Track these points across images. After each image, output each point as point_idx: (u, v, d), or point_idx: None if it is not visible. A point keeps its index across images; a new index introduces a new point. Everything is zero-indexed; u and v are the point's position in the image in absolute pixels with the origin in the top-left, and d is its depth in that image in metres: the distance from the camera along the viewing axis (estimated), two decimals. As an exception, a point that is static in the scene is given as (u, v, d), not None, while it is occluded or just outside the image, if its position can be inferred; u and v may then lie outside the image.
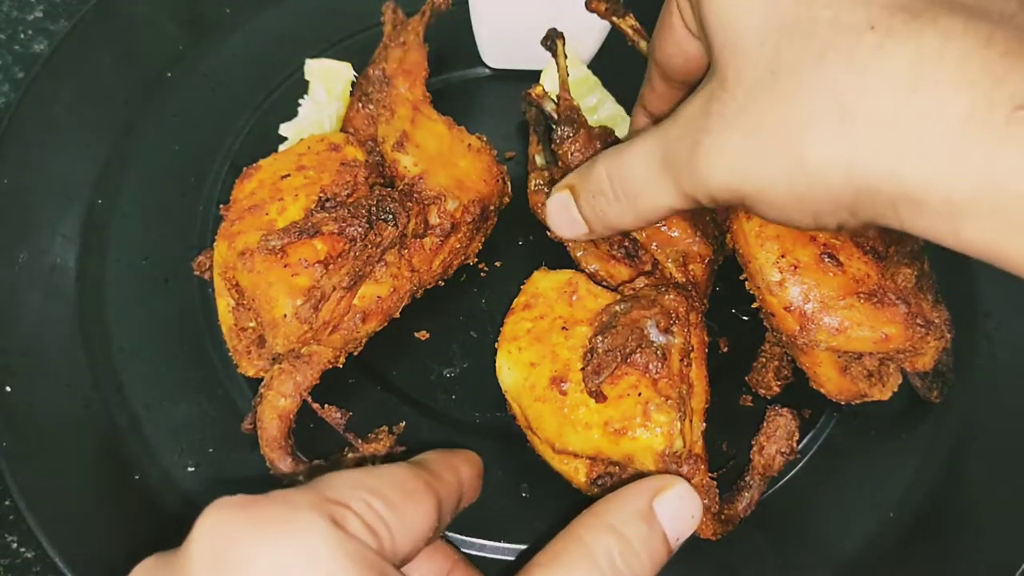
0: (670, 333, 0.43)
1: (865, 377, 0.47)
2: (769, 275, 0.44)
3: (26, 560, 0.48)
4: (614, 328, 0.43)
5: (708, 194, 0.37)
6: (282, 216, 0.46)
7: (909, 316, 0.43)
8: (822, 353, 0.46)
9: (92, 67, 0.60)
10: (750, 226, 0.45)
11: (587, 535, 0.34)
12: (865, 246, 0.45)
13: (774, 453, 0.44)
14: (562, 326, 0.45)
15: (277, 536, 0.27)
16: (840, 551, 0.47)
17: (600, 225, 0.44)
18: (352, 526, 0.29)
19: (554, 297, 0.46)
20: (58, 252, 0.54)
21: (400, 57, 0.54)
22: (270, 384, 0.46)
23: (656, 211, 0.41)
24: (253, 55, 0.63)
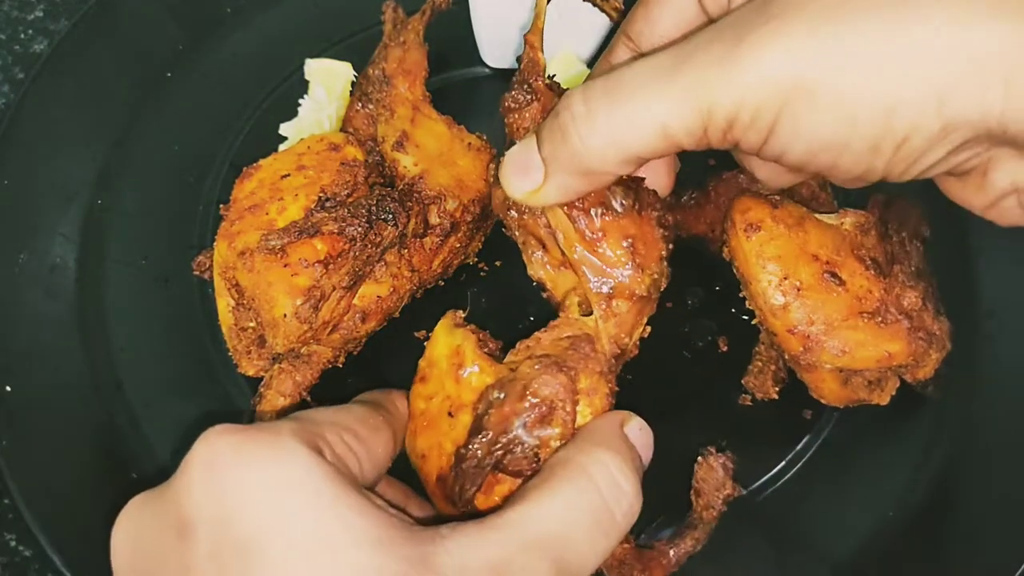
0: (547, 423, 0.37)
1: (865, 386, 0.47)
2: (772, 299, 0.43)
3: (25, 559, 0.48)
4: (482, 432, 0.37)
5: (738, 95, 0.32)
6: (282, 216, 0.46)
7: (912, 331, 0.43)
8: (825, 371, 0.45)
9: (92, 67, 0.60)
10: (750, 245, 0.44)
11: (580, 457, 0.35)
12: (866, 259, 0.44)
13: (706, 505, 0.43)
14: (448, 410, 0.40)
15: (263, 460, 0.30)
16: (839, 551, 0.46)
17: (559, 164, 0.37)
18: (328, 453, 0.32)
19: (444, 368, 0.42)
20: (58, 252, 0.54)
21: (400, 57, 0.54)
22: (270, 384, 0.46)
23: (639, 131, 0.34)
24: (253, 55, 0.63)
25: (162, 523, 0.30)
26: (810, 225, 0.44)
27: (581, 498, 0.33)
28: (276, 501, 0.29)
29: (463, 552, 0.30)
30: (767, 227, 0.44)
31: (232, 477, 0.29)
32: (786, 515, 0.47)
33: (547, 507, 0.32)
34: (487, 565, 0.30)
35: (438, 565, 0.29)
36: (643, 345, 0.52)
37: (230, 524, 0.29)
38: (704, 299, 0.54)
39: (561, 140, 0.36)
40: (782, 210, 0.45)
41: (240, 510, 0.29)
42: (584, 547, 0.32)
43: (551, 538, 0.31)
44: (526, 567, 0.30)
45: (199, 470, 0.30)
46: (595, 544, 0.33)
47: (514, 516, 0.32)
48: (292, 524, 0.29)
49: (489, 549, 0.30)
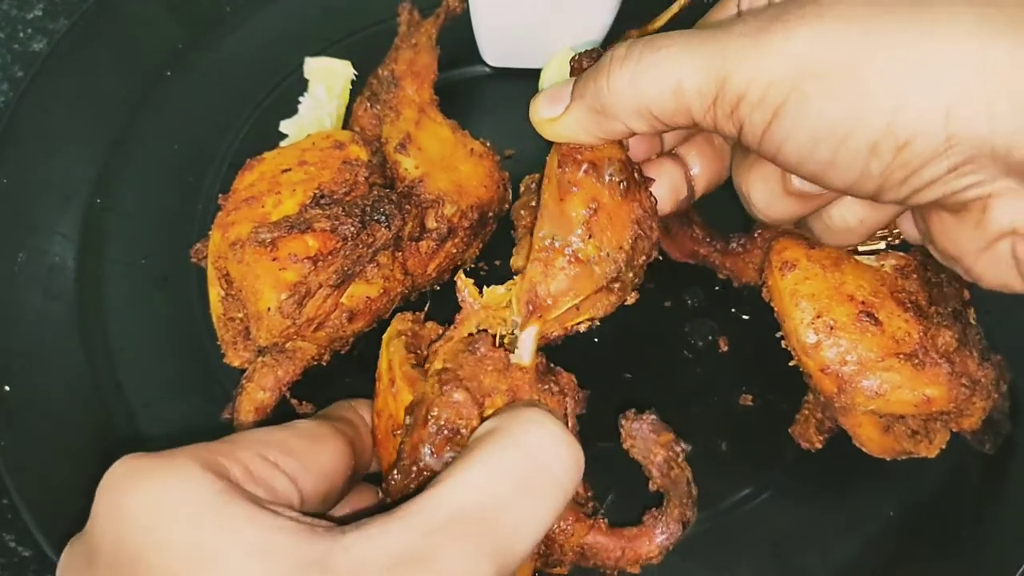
0: (452, 448, 0.35)
1: (909, 436, 0.45)
2: (804, 337, 0.42)
3: (23, 559, 0.48)
4: (400, 462, 0.36)
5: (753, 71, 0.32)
6: (277, 210, 0.46)
7: (953, 376, 0.41)
8: (862, 415, 0.44)
9: (91, 66, 0.60)
10: (785, 284, 0.44)
11: (502, 422, 0.32)
12: (906, 302, 0.43)
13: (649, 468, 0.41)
14: (393, 429, 0.39)
15: (152, 481, 0.29)
16: (840, 551, 0.46)
17: (583, 96, 0.38)
18: (234, 474, 0.30)
19: (385, 384, 0.41)
20: (57, 251, 0.54)
21: (411, 59, 0.54)
22: (251, 376, 0.46)
23: (656, 83, 0.35)
24: (252, 54, 0.63)
25: (77, 557, 0.31)
26: (847, 266, 0.44)
27: (507, 462, 0.30)
28: (161, 518, 0.28)
29: (362, 546, 0.27)
30: (802, 266, 0.44)
31: (124, 499, 0.29)
32: (786, 515, 0.47)
33: (463, 482, 0.29)
34: (388, 556, 0.27)
35: (332, 565, 0.27)
36: (643, 345, 0.52)
37: (123, 544, 0.28)
38: (704, 299, 0.54)
39: (593, 75, 0.37)
40: (819, 250, 0.44)
41: (132, 528, 0.28)
42: (518, 515, 0.29)
43: (468, 515, 0.28)
44: (434, 551, 0.27)
45: (100, 497, 0.30)
46: (531, 508, 0.29)
47: (424, 499, 0.29)
48: (179, 540, 0.28)
49: (390, 539, 0.27)
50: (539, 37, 0.60)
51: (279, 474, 0.32)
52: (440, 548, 0.27)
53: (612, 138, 0.39)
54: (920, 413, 0.43)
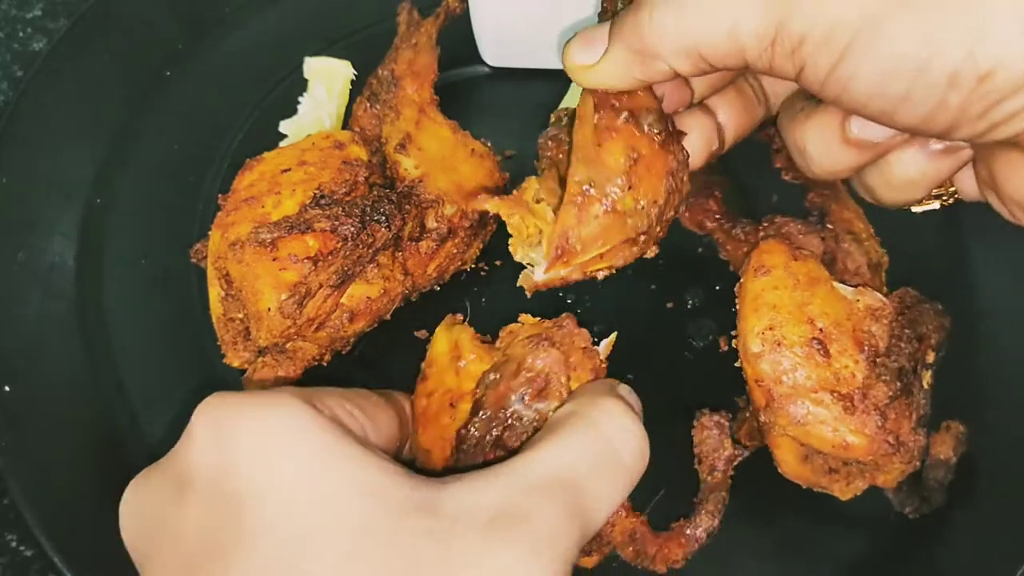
0: (544, 398, 0.38)
1: (825, 472, 0.44)
2: (750, 343, 0.42)
3: (25, 559, 0.48)
4: (481, 412, 0.38)
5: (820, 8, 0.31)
6: (277, 210, 0.46)
7: (880, 431, 0.40)
8: (782, 436, 0.43)
9: (91, 66, 0.60)
10: (753, 286, 0.43)
11: (583, 408, 0.35)
12: (864, 344, 0.42)
13: (710, 468, 0.43)
14: (450, 402, 0.41)
15: (261, 415, 0.30)
16: (840, 551, 0.47)
17: (622, 38, 0.36)
18: (327, 413, 0.32)
19: (444, 364, 0.42)
20: (57, 251, 0.54)
21: (411, 59, 0.54)
22: (252, 377, 0.46)
23: (708, 23, 0.33)
24: (252, 54, 0.63)
25: (164, 485, 0.31)
26: (821, 289, 0.43)
27: (587, 443, 0.33)
28: (273, 452, 0.29)
29: (467, 497, 0.29)
30: (776, 274, 0.43)
31: (231, 432, 0.29)
32: (787, 515, 0.48)
33: (553, 452, 0.32)
34: (489, 508, 0.29)
35: (438, 510, 0.29)
36: (643, 344, 0.52)
37: (226, 476, 0.29)
38: (704, 299, 0.54)
39: (633, 12, 0.35)
40: (800, 264, 0.43)
41: (237, 462, 0.29)
42: (595, 490, 0.32)
43: (558, 481, 0.31)
44: (531, 510, 0.29)
45: (200, 430, 0.30)
46: (605, 487, 0.32)
47: (519, 462, 0.31)
48: (288, 474, 0.28)
49: (491, 493, 0.30)
50: (539, 37, 0.60)
51: (357, 424, 0.34)
52: (536, 506, 0.29)
53: (655, 81, 0.37)
54: (837, 455, 0.42)
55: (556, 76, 0.63)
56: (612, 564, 0.46)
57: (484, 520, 0.29)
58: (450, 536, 0.28)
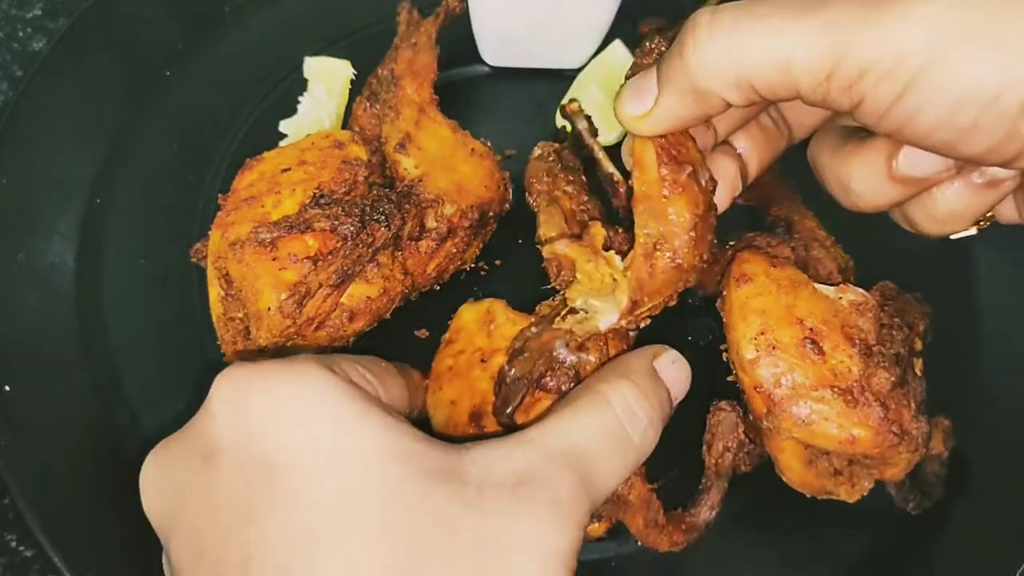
0: (583, 350, 0.41)
1: (831, 475, 0.44)
2: (744, 351, 0.42)
3: (25, 559, 0.48)
4: (523, 355, 0.40)
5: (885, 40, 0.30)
6: (277, 209, 0.46)
7: (884, 422, 0.41)
8: (786, 441, 0.43)
9: (91, 65, 0.60)
10: (737, 295, 0.43)
11: (600, 385, 0.36)
12: (855, 339, 0.42)
13: (722, 450, 0.44)
14: (480, 358, 0.44)
15: (284, 381, 0.31)
16: (840, 551, 0.47)
17: (671, 80, 0.36)
18: (344, 378, 0.32)
19: (474, 329, 0.45)
20: (56, 251, 0.54)
21: (410, 58, 0.54)
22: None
23: (760, 56, 0.33)
24: (252, 53, 0.63)
25: (187, 454, 0.31)
26: (804, 291, 0.43)
27: (600, 419, 0.35)
28: (299, 417, 0.30)
29: (488, 463, 0.31)
30: (759, 281, 0.43)
31: (255, 399, 0.30)
32: (787, 515, 0.48)
33: (568, 424, 0.34)
34: (512, 474, 0.31)
35: (463, 475, 0.30)
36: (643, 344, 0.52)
37: (254, 442, 0.29)
38: (704, 299, 0.54)
39: (678, 53, 0.35)
40: (780, 270, 0.44)
41: (263, 428, 0.30)
42: (604, 463, 0.33)
43: (573, 452, 0.33)
44: (551, 476, 0.31)
45: (222, 399, 0.31)
46: (614, 461, 0.34)
47: (536, 432, 0.33)
48: (315, 439, 0.29)
49: (514, 460, 0.31)
50: (539, 37, 0.60)
51: (371, 387, 0.35)
52: (555, 473, 0.31)
53: (709, 115, 0.37)
54: (844, 451, 0.42)
55: (556, 75, 0.63)
56: (611, 564, 0.47)
57: (510, 485, 0.30)
58: (480, 500, 0.30)
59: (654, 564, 0.46)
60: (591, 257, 0.42)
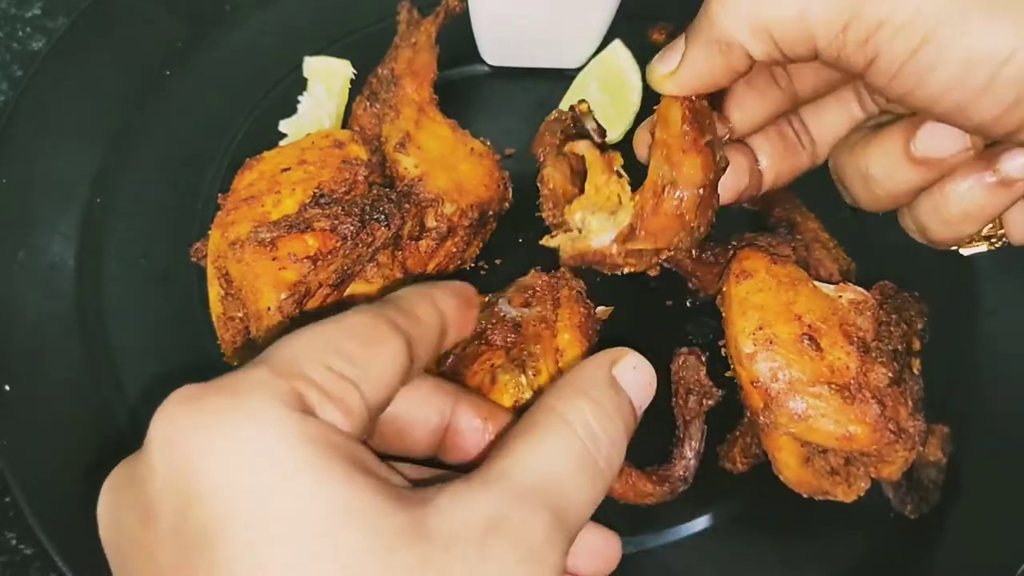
0: (526, 306, 0.44)
1: (827, 473, 0.44)
2: (743, 345, 0.42)
3: (25, 557, 0.48)
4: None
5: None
6: (277, 209, 0.46)
7: (881, 419, 0.41)
8: (783, 438, 0.43)
9: (90, 65, 0.60)
10: (737, 291, 0.43)
11: (559, 404, 0.33)
12: (853, 336, 0.42)
13: (684, 394, 0.44)
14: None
15: (225, 429, 0.26)
16: (840, 552, 0.47)
17: (697, 35, 0.37)
18: (313, 399, 0.28)
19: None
20: (57, 250, 0.54)
21: (410, 58, 0.54)
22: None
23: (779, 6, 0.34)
24: (252, 53, 0.63)
25: (132, 503, 0.28)
26: (804, 288, 0.43)
27: (564, 446, 0.32)
28: (241, 477, 0.25)
29: (455, 512, 0.28)
30: (759, 277, 0.43)
31: (190, 455, 0.26)
32: (787, 515, 0.48)
33: (533, 456, 0.31)
34: (480, 521, 0.28)
35: (430, 530, 0.27)
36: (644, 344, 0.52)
37: (191, 508, 0.26)
38: (704, 299, 0.54)
39: (703, 9, 0.37)
40: (780, 267, 0.44)
41: (201, 491, 0.25)
42: (575, 494, 0.31)
43: (542, 487, 0.30)
44: (524, 520, 0.28)
45: (157, 449, 0.27)
46: (584, 490, 0.31)
47: (502, 467, 0.30)
48: (261, 503, 0.25)
49: (482, 506, 0.28)
50: (538, 36, 0.60)
51: (349, 387, 0.29)
52: (526, 517, 0.28)
53: (736, 70, 0.38)
54: (841, 448, 0.42)
55: (555, 75, 0.63)
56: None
57: (478, 536, 0.27)
58: (447, 561, 0.27)
59: (654, 564, 0.47)
60: (605, 170, 0.43)
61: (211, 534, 0.25)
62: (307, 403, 0.27)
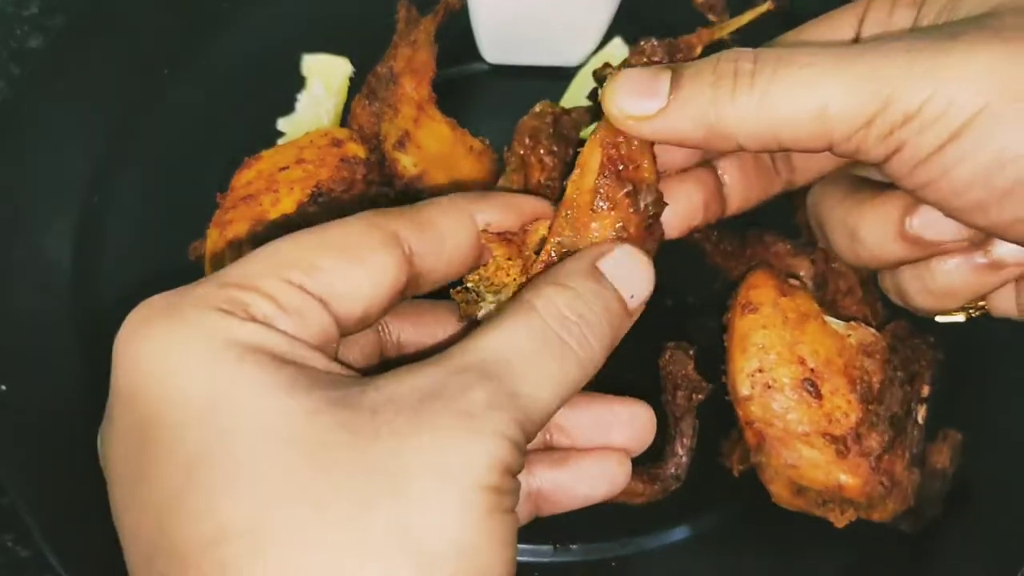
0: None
1: (819, 504, 0.44)
2: (740, 386, 0.41)
3: (22, 559, 0.48)
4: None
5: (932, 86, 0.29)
6: (275, 208, 0.46)
7: (874, 472, 0.40)
8: (775, 474, 0.43)
9: (88, 63, 0.60)
10: (741, 324, 0.42)
11: (527, 294, 0.32)
12: (856, 382, 0.41)
13: (672, 390, 0.44)
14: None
15: (160, 329, 0.28)
16: (841, 551, 0.46)
17: (692, 105, 0.33)
18: (264, 309, 0.28)
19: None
20: (55, 250, 0.54)
21: (409, 56, 0.54)
22: None
23: (794, 105, 0.31)
24: (250, 51, 0.63)
25: (106, 410, 0.29)
26: (812, 326, 0.42)
27: (523, 327, 0.30)
28: (170, 369, 0.27)
29: (392, 386, 0.27)
30: (764, 312, 0.42)
31: (134, 353, 0.28)
32: (788, 515, 0.47)
33: (487, 339, 0.29)
34: (416, 391, 0.27)
35: (356, 401, 0.26)
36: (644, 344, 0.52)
37: (133, 401, 0.27)
38: (704, 299, 0.54)
39: (710, 87, 0.33)
40: (790, 299, 0.43)
41: (138, 385, 0.27)
42: (532, 370, 0.29)
43: (489, 360, 0.28)
44: (463, 388, 0.27)
45: (117, 345, 0.28)
46: (547, 367, 0.29)
47: (453, 351, 0.29)
48: (187, 389, 0.26)
49: (420, 378, 0.28)
50: (538, 34, 0.60)
51: (309, 299, 0.29)
52: (467, 385, 0.27)
53: (716, 150, 0.36)
54: (830, 496, 0.42)
55: (555, 73, 0.63)
56: (611, 564, 0.46)
57: (411, 404, 0.27)
58: (372, 425, 0.26)
59: (654, 565, 0.46)
60: (512, 255, 0.38)
61: (147, 424, 0.26)
62: (252, 312, 0.28)
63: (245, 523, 0.25)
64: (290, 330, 0.28)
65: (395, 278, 0.31)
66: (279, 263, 0.29)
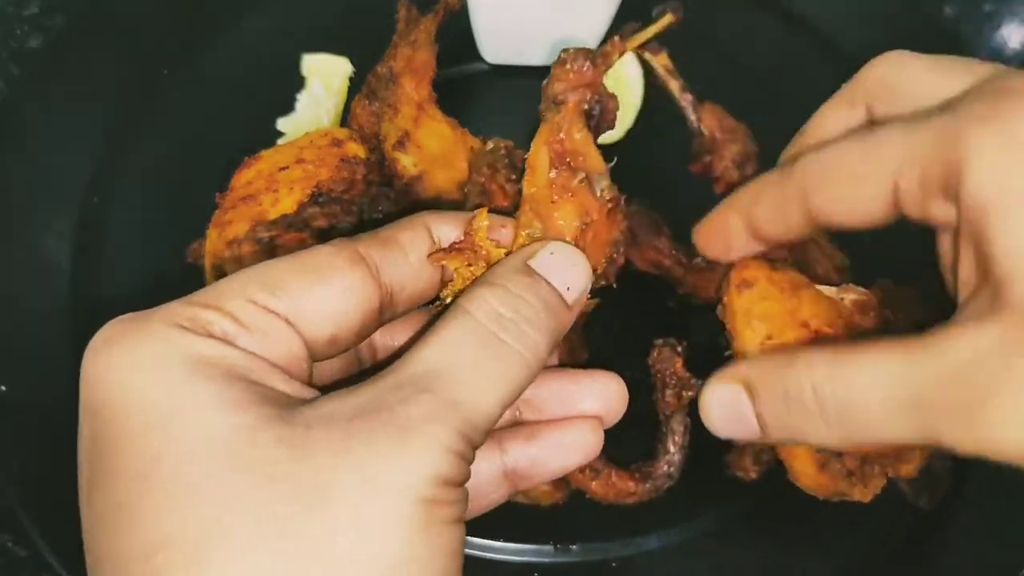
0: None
1: (844, 476, 0.44)
2: (752, 357, 0.41)
3: (20, 559, 0.48)
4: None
5: (999, 452, 0.30)
6: (275, 208, 0.46)
7: None
8: (798, 447, 0.43)
9: (88, 63, 0.60)
10: (740, 302, 0.43)
11: (461, 299, 0.32)
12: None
13: (664, 391, 0.44)
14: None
15: (123, 345, 0.28)
16: (841, 551, 0.46)
17: (786, 436, 0.36)
18: (221, 327, 0.28)
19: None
20: (54, 250, 0.54)
21: (409, 56, 0.54)
22: None
23: (878, 445, 0.35)
24: (250, 51, 0.63)
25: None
26: (806, 294, 0.43)
27: (459, 331, 0.30)
28: (127, 380, 0.28)
29: (331, 404, 0.28)
30: (760, 286, 0.42)
31: (97, 365, 0.29)
32: (788, 515, 0.47)
33: (425, 350, 0.30)
34: (353, 408, 0.27)
35: (299, 417, 0.27)
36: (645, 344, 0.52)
37: (94, 411, 0.28)
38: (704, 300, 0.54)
39: (792, 431, 0.35)
40: (780, 274, 0.43)
41: (99, 395, 0.28)
42: (472, 376, 0.29)
43: (427, 374, 0.29)
44: (401, 401, 0.27)
45: (83, 361, 0.29)
46: (488, 370, 0.30)
47: (393, 366, 0.29)
48: (142, 400, 0.27)
49: (357, 395, 0.28)
50: (538, 34, 0.60)
51: (274, 318, 0.29)
52: (403, 399, 0.28)
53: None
54: (856, 451, 0.42)
55: (555, 73, 0.63)
56: (612, 564, 0.46)
57: (345, 417, 0.27)
58: (306, 440, 0.26)
59: (654, 565, 0.46)
60: (469, 260, 0.37)
61: (107, 435, 0.28)
62: (212, 329, 0.28)
63: (180, 534, 0.25)
64: (251, 348, 0.29)
65: (364, 297, 0.31)
66: (244, 284, 0.30)
